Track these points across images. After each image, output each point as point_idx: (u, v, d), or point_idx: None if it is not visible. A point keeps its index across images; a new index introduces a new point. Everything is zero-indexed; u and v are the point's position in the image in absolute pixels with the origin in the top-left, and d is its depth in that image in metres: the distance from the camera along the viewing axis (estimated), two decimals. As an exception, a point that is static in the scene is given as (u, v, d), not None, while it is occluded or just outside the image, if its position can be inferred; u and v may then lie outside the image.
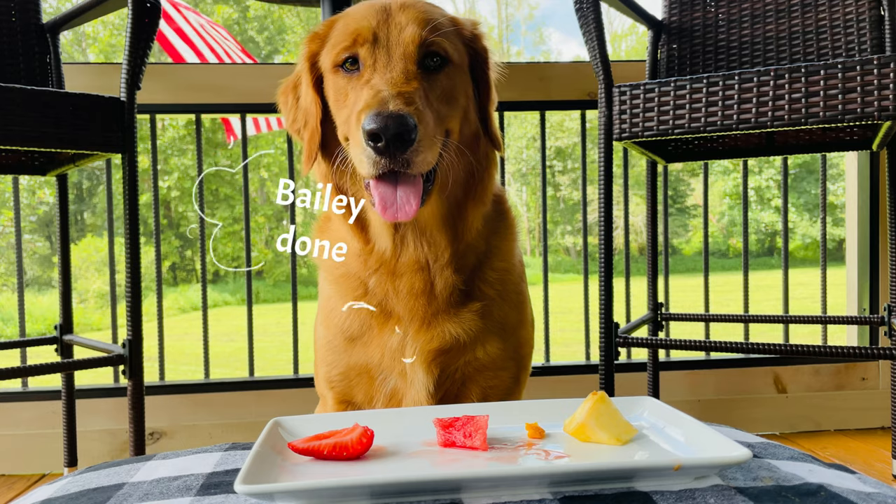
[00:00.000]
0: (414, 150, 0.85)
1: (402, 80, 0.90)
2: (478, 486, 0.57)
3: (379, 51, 0.94)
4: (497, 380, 1.05)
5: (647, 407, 0.76)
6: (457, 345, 1.00)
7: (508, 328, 1.06)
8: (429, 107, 0.91)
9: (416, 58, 0.94)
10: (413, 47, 0.93)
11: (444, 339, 0.99)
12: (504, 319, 1.05)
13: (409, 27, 0.94)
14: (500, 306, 1.05)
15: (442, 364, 1.00)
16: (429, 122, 0.89)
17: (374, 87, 0.90)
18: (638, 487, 0.57)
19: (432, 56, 0.95)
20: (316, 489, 0.55)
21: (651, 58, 1.92)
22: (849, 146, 1.81)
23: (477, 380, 1.04)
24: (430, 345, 0.99)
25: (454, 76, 0.98)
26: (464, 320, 1.01)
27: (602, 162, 1.55)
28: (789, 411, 2.14)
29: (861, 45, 1.67)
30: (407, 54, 0.93)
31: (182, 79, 2.07)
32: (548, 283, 2.23)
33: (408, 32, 0.94)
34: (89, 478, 0.69)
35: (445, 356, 1.00)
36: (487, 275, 1.05)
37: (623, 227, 2.26)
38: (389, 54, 0.93)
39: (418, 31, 0.94)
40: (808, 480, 0.58)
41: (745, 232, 2.27)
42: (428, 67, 0.95)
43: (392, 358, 1.01)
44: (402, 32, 0.94)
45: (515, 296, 1.08)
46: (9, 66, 1.71)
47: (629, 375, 2.11)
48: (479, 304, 1.02)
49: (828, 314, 1.99)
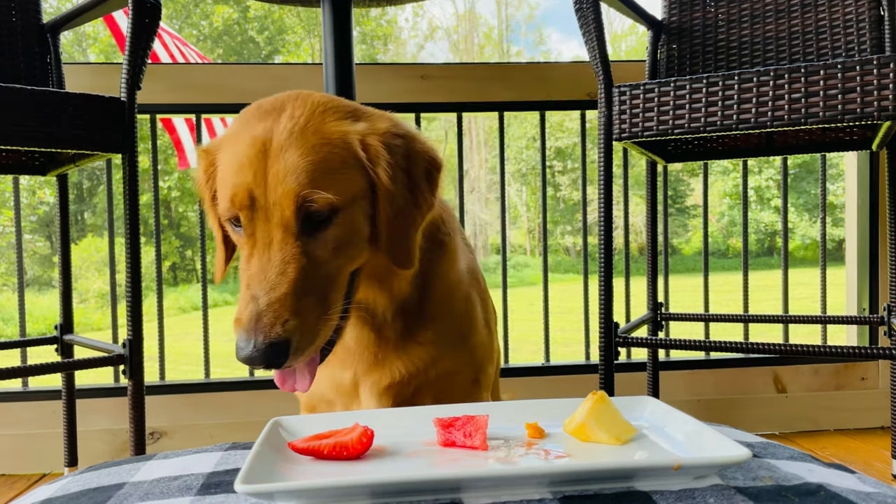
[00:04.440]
0: (293, 358, 0.80)
1: (278, 271, 0.80)
2: (478, 486, 0.57)
3: (258, 217, 0.83)
4: (451, 384, 1.04)
5: (647, 407, 0.76)
6: (408, 376, 1.00)
7: (460, 340, 1.04)
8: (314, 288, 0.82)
9: (295, 225, 0.82)
10: (290, 213, 0.81)
11: (394, 377, 0.99)
12: (454, 334, 1.03)
13: (287, 181, 0.81)
14: (448, 325, 1.03)
15: (394, 393, 1.01)
16: (312, 313, 0.82)
17: (249, 284, 0.81)
18: (638, 487, 0.57)
19: (318, 211, 0.82)
20: (316, 489, 0.55)
21: (651, 58, 1.92)
22: (848, 146, 1.81)
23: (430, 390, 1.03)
24: (381, 383, 1.00)
25: (349, 218, 0.85)
26: (413, 355, 1.00)
27: (602, 162, 1.55)
28: (789, 411, 2.14)
29: (861, 45, 1.67)
30: (285, 221, 0.81)
31: (182, 79, 2.07)
32: (548, 283, 2.23)
33: (284, 190, 0.81)
34: (89, 477, 0.69)
35: (398, 386, 1.00)
36: (432, 302, 1.01)
37: (623, 227, 2.26)
38: (268, 219, 0.82)
39: (296, 189, 0.80)
40: (808, 480, 0.58)
41: (744, 232, 2.27)
42: (315, 221, 0.83)
43: (347, 394, 1.03)
44: (279, 188, 0.81)
45: (463, 308, 1.06)
46: (9, 66, 1.71)
47: (629, 375, 2.11)
48: (427, 331, 1.00)
49: (827, 314, 1.99)
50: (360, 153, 0.86)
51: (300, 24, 19.09)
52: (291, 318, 0.79)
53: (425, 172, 0.92)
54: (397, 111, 1.72)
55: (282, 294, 0.80)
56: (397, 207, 0.89)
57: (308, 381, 0.86)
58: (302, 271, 0.82)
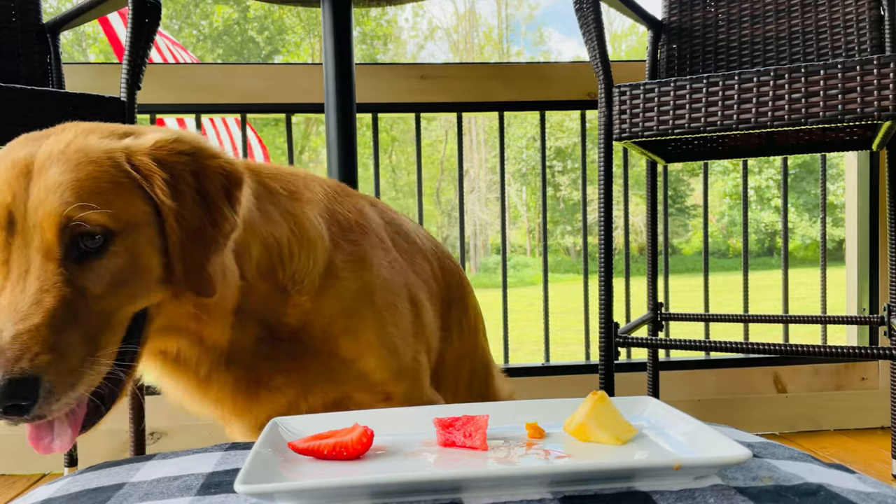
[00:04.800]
0: (46, 403, 0.68)
1: (32, 301, 0.70)
2: (478, 486, 0.57)
3: (15, 241, 0.73)
4: (350, 406, 0.97)
5: (647, 407, 0.76)
6: (281, 409, 0.94)
7: (340, 364, 0.96)
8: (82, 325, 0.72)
9: (58, 250, 0.72)
10: (52, 235, 0.72)
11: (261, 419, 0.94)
12: (331, 360, 0.96)
13: (49, 199, 0.72)
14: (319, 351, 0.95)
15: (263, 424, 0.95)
16: (74, 352, 0.70)
17: None
18: (638, 487, 0.57)
19: (88, 236, 0.73)
20: (316, 489, 0.55)
21: (651, 58, 1.92)
22: (849, 146, 1.81)
23: None
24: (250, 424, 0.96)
25: (129, 248, 0.76)
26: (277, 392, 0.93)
27: (602, 162, 1.55)
28: (789, 411, 2.14)
29: (861, 45, 1.67)
30: (46, 246, 0.72)
31: (182, 79, 2.07)
32: (548, 283, 2.23)
33: (46, 210, 0.72)
34: (89, 477, 0.69)
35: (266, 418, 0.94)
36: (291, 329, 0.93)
37: (623, 226, 2.26)
38: (27, 244, 0.72)
39: (60, 209, 0.71)
40: (808, 480, 0.58)
41: (744, 232, 2.27)
42: (85, 250, 0.73)
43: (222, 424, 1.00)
44: (41, 209, 0.72)
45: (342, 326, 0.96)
46: (9, 66, 1.71)
47: (629, 375, 2.11)
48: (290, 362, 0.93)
49: (828, 314, 1.99)
50: (132, 172, 0.77)
51: (300, 24, 19.10)
52: (44, 353, 0.68)
53: (223, 189, 0.82)
54: (397, 111, 1.73)
55: (33, 325, 0.69)
56: (190, 229, 0.79)
57: (69, 437, 0.74)
58: (63, 302, 0.71)
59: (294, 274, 0.92)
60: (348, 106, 1.78)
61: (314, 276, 0.94)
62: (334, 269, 0.96)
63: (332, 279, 0.96)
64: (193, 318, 0.84)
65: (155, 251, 0.78)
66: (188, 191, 0.79)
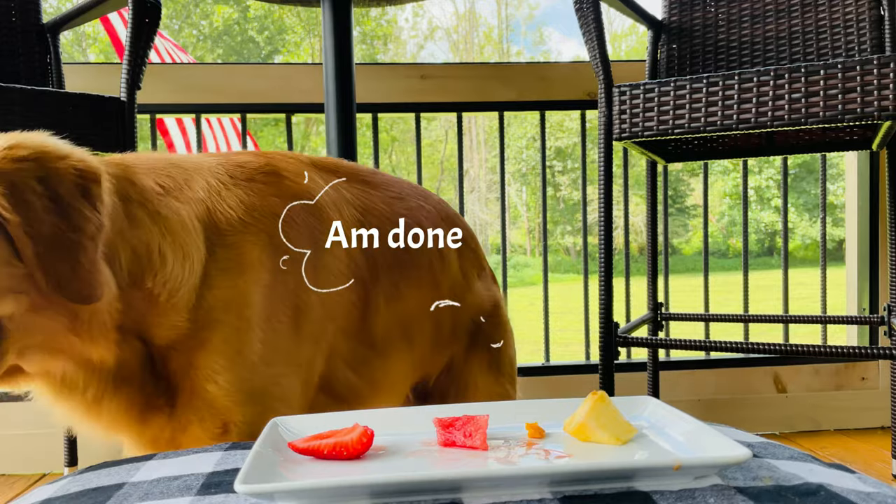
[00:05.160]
0: None
1: None
2: (478, 486, 0.57)
3: None
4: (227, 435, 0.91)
5: (647, 407, 0.76)
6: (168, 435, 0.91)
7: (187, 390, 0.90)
8: None
9: None
10: None
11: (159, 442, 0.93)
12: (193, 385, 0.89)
13: None
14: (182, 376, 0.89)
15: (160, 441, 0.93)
16: None
17: None
18: (638, 487, 0.57)
19: None
20: (316, 489, 0.55)
21: (651, 58, 1.92)
22: (849, 146, 1.81)
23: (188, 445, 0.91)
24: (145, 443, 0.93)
25: None
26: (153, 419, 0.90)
27: (602, 162, 1.55)
28: (789, 411, 2.14)
29: (861, 45, 1.67)
30: None
31: (182, 79, 2.07)
32: (548, 283, 2.23)
33: None
34: (89, 477, 0.69)
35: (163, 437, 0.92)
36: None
37: (623, 226, 2.26)
38: None
39: None
40: (808, 480, 0.58)
41: (744, 232, 2.27)
42: None
43: None
44: None
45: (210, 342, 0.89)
46: (9, 66, 1.71)
47: (629, 375, 2.11)
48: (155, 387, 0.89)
49: (828, 314, 1.99)
50: None
51: (300, 24, 19.10)
52: None
53: (78, 189, 0.78)
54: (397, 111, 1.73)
55: None
56: (45, 238, 0.74)
57: None
58: None
59: (167, 282, 0.85)
60: (348, 106, 1.78)
61: (190, 288, 0.87)
62: (208, 279, 0.89)
63: (204, 290, 0.88)
64: (72, 333, 0.80)
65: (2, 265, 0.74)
66: (36, 199, 0.75)
